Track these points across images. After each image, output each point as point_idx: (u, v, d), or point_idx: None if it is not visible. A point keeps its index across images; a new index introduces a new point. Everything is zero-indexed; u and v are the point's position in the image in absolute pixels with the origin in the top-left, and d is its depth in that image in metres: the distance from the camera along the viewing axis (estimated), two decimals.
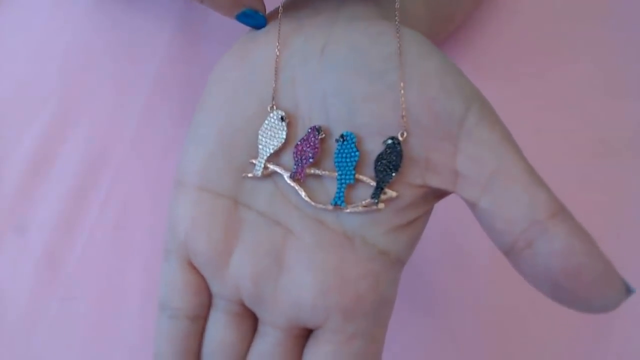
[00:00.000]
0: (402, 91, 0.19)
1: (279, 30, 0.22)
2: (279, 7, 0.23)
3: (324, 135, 0.21)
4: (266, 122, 0.22)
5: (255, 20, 0.23)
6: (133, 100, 0.36)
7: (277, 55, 0.22)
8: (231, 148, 0.22)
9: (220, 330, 0.22)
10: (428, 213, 0.21)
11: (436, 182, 0.19)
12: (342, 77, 0.20)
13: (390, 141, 0.20)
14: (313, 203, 0.21)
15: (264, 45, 0.22)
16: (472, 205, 0.19)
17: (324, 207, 0.21)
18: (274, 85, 0.22)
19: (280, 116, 0.21)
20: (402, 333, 0.29)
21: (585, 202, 0.32)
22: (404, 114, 0.19)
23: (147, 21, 0.39)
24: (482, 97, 0.20)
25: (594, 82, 0.34)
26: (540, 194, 0.18)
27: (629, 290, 0.17)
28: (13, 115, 0.37)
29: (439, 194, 0.20)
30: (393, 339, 0.28)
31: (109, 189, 0.34)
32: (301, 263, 0.21)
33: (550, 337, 0.29)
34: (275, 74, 0.22)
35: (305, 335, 0.21)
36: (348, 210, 0.20)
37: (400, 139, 0.19)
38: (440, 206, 0.22)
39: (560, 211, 0.18)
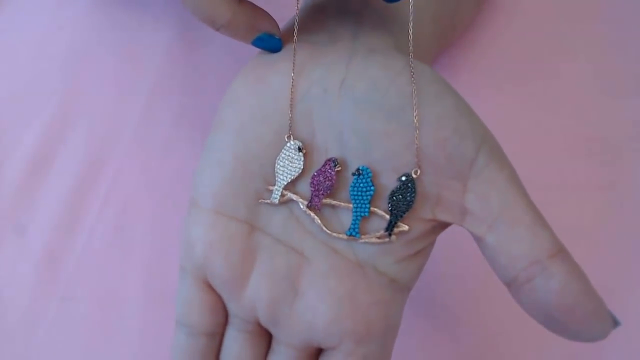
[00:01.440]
0: (417, 131, 0.20)
1: (294, 59, 0.22)
2: (294, 33, 0.23)
3: (340, 167, 0.22)
4: (284, 151, 0.22)
5: (271, 44, 0.23)
6: (133, 100, 0.36)
7: (293, 85, 0.22)
8: (247, 174, 0.22)
9: (236, 347, 0.22)
10: (434, 242, 0.22)
11: (445, 217, 0.21)
12: (361, 112, 0.21)
13: (404, 178, 0.20)
14: (328, 232, 0.22)
15: (281, 72, 0.22)
16: (478, 239, 0.20)
17: (338, 236, 0.21)
18: (290, 114, 0.22)
19: (297, 147, 0.22)
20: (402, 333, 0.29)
21: (584, 200, 0.32)
22: (417, 152, 0.20)
23: (147, 21, 0.39)
24: (492, 137, 0.21)
25: (593, 81, 0.35)
26: (542, 234, 0.19)
27: (616, 323, 0.19)
28: (13, 115, 0.37)
29: (446, 225, 0.22)
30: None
31: (109, 189, 0.34)
32: (315, 288, 0.21)
33: (551, 336, 0.29)
34: (292, 103, 0.22)
35: (318, 353, 0.22)
36: (362, 241, 0.21)
37: (414, 176, 0.20)
38: None
39: (560, 251, 0.19)
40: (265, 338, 0.23)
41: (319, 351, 0.22)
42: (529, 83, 0.35)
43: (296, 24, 0.23)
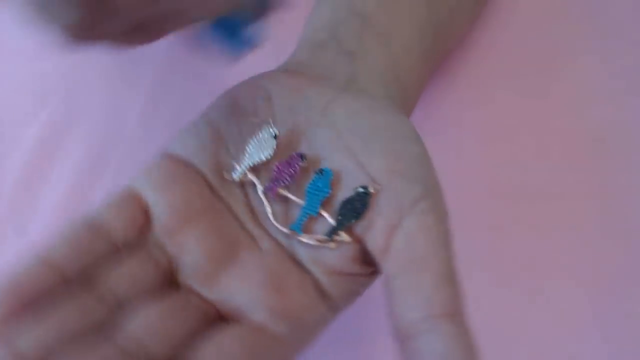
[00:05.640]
0: (384, 159, 0.21)
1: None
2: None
3: (306, 163, 0.22)
4: (259, 134, 0.23)
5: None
6: (133, 101, 0.36)
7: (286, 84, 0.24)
8: (220, 143, 0.23)
9: (136, 266, 0.21)
10: (365, 281, 0.22)
11: (371, 243, 0.21)
12: (338, 129, 0.22)
13: (361, 189, 0.21)
14: (274, 221, 0.22)
15: (277, 80, 0.24)
16: (387, 281, 0.20)
17: (281, 228, 0.22)
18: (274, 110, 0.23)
19: (273, 134, 0.23)
20: None
21: (581, 201, 0.32)
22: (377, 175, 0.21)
23: None
24: (442, 197, 0.21)
25: (592, 82, 0.34)
26: (446, 290, 0.19)
27: None
28: (13, 114, 0.37)
29: (373, 267, 0.21)
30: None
31: (109, 189, 0.34)
32: (252, 261, 0.21)
33: (550, 335, 0.29)
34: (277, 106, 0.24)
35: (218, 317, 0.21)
36: (302, 239, 0.22)
37: (371, 191, 0.21)
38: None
39: (456, 314, 0.18)
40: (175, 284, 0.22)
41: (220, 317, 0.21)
42: (528, 83, 0.35)
43: None
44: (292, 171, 0.22)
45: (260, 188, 0.22)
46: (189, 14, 0.20)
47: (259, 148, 0.22)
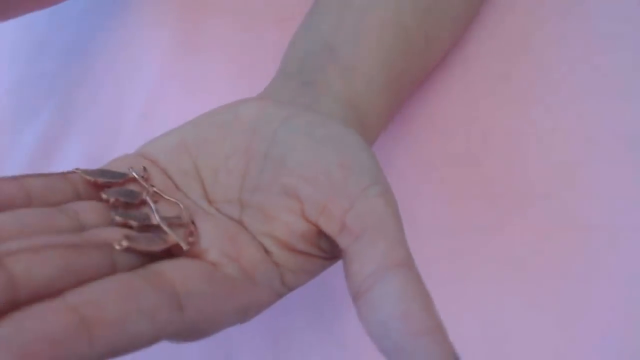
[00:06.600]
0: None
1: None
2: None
3: None
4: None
5: None
6: (133, 100, 0.36)
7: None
8: (182, 150, 0.25)
9: (102, 206, 0.22)
10: (320, 263, 0.23)
11: (326, 226, 0.22)
12: (295, 134, 0.23)
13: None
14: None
15: (249, 104, 0.25)
16: (344, 252, 0.21)
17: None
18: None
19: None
20: None
21: (575, 201, 0.32)
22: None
23: (146, 21, 0.39)
24: (390, 188, 0.22)
25: (593, 80, 0.35)
26: (397, 249, 0.20)
27: (456, 357, 0.18)
28: (13, 114, 0.37)
29: (330, 251, 0.23)
30: None
31: None
32: (208, 221, 0.22)
33: (548, 337, 0.29)
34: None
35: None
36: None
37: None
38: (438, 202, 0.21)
39: (408, 265, 0.19)
40: None
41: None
42: (525, 82, 0.35)
43: None
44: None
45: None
46: None
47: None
